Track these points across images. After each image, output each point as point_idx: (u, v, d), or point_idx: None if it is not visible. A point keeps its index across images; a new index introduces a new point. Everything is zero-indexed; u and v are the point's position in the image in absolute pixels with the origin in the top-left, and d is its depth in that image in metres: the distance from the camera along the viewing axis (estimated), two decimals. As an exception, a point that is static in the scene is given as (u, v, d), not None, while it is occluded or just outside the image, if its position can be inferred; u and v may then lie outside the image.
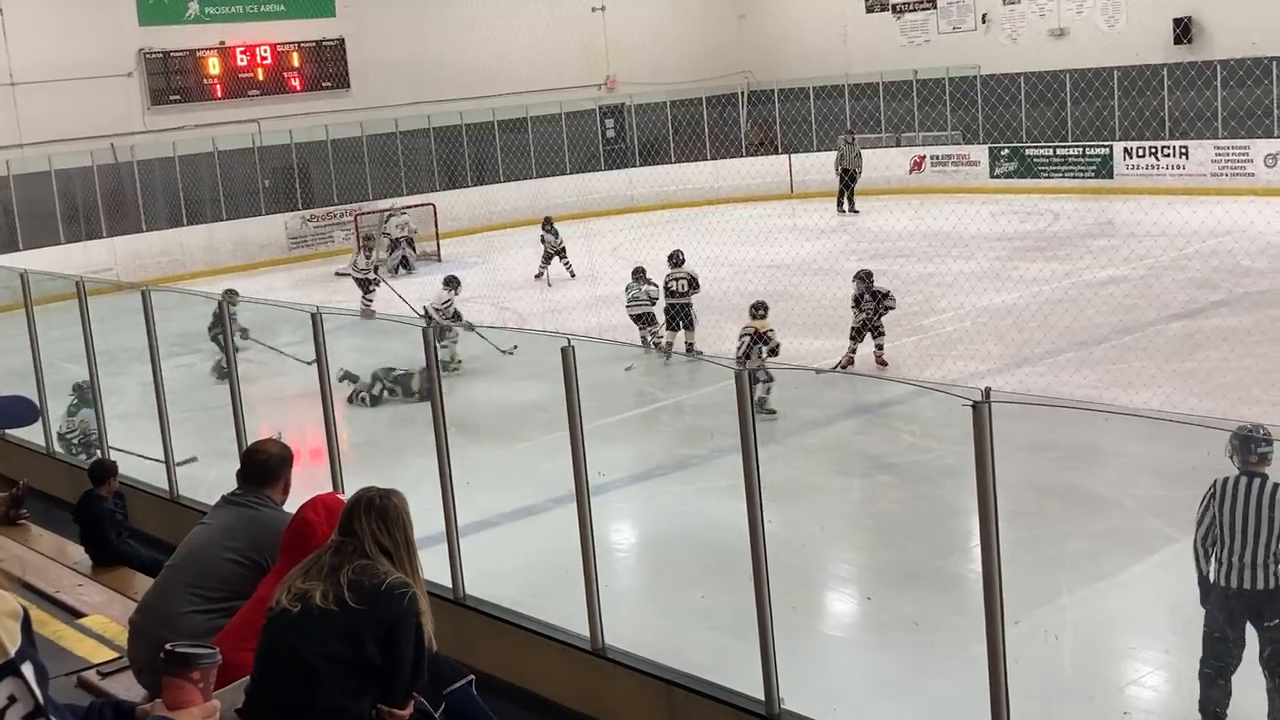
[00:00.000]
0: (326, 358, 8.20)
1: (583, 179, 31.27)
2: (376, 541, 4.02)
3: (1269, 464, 6.44)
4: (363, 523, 4.05)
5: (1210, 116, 26.30)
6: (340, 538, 4.07)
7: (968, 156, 29.70)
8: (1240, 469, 6.39)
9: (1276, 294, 16.65)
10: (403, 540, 4.08)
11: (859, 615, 8.83)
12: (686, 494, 11.31)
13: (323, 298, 21.34)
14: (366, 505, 4.09)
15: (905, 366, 14.53)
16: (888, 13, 32.56)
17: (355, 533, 4.04)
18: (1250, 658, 6.43)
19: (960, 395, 4.99)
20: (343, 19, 29.91)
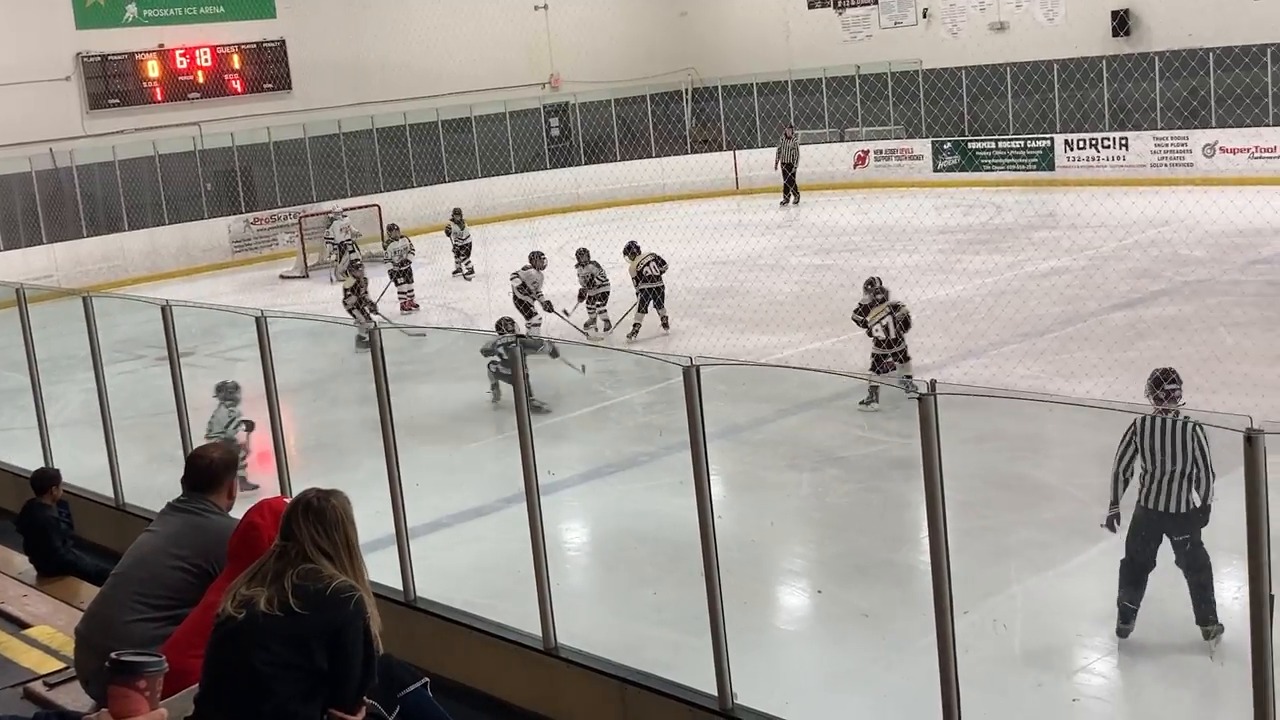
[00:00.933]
0: (273, 362, 8.13)
1: (528, 178, 31.23)
2: (316, 544, 3.98)
3: (1176, 400, 7.45)
4: (301, 526, 4.00)
5: (1149, 108, 26.63)
6: (282, 542, 4.03)
7: (911, 151, 29.89)
8: (1155, 404, 7.40)
9: (1216, 283, 16.88)
10: (343, 542, 4.03)
11: (811, 609, 8.86)
12: (637, 491, 11.31)
13: (267, 301, 21.18)
14: (305, 508, 4.04)
15: (852, 359, 14.59)
16: (829, 8, 32.71)
17: (295, 536, 4.00)
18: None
19: (906, 388, 5.01)
20: (283, 20, 29.67)
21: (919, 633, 5.23)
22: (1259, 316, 14.85)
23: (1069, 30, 28.28)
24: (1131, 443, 7.25)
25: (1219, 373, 12.06)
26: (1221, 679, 6.94)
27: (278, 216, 28.36)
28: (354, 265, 18.90)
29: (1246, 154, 24.78)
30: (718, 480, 10.98)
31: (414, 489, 7.50)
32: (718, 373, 14.42)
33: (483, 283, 22.28)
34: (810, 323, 16.42)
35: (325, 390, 15.18)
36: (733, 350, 15.19)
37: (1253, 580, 4.32)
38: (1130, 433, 7.26)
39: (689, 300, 18.74)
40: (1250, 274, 17.25)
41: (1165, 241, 19.49)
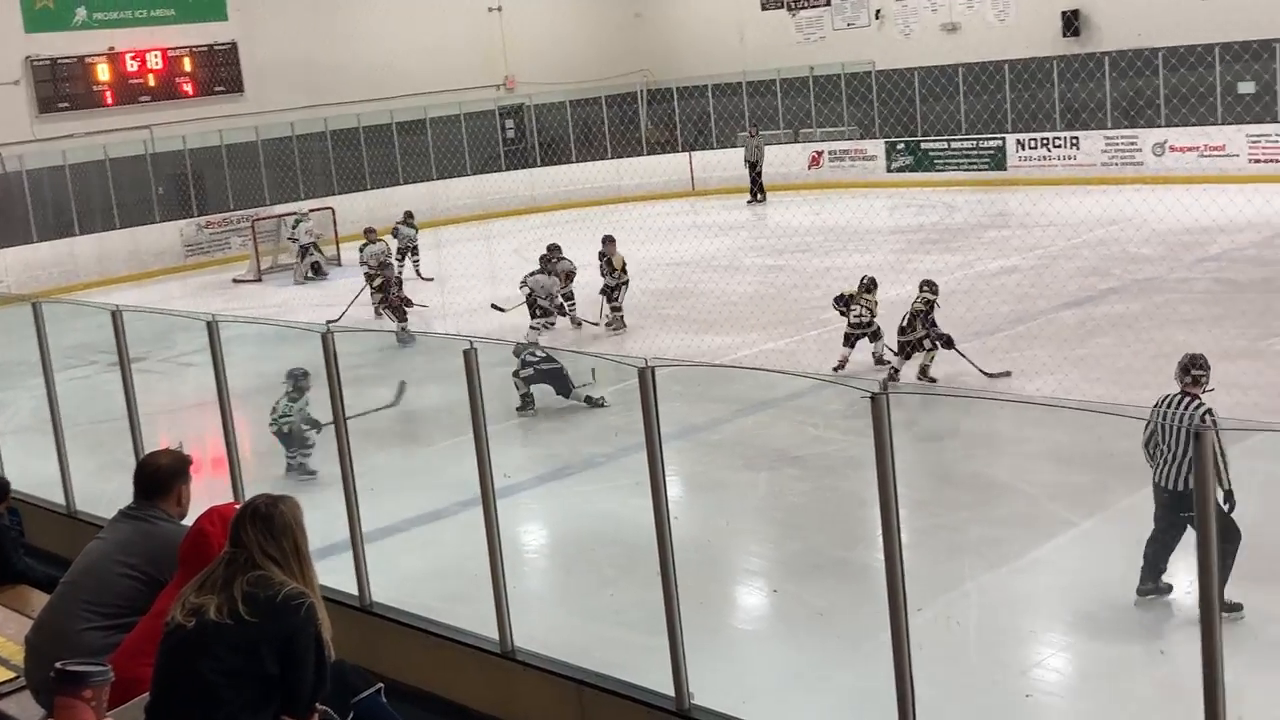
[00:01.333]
0: (224, 367, 8.07)
1: (483, 180, 31.17)
2: (264, 551, 3.96)
3: (1201, 387, 7.81)
4: (250, 533, 3.98)
5: (1098, 107, 26.89)
6: (231, 549, 4.01)
7: (864, 151, 30.05)
8: (1180, 389, 7.81)
9: (1165, 280, 17.06)
10: (291, 549, 4.01)
11: (767, 608, 8.89)
12: (594, 493, 11.31)
13: (220, 306, 21.05)
14: (252, 514, 4.03)
15: (807, 359, 14.66)
16: (783, 10, 32.84)
17: (244, 543, 3.98)
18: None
19: (859, 388, 5.05)
20: (235, 22, 29.47)
21: (874, 630, 5.26)
22: (1208, 314, 15.02)
23: (1020, 31, 28.52)
24: (1151, 422, 7.71)
25: (1169, 370, 12.19)
26: (1173, 674, 7.02)
27: (230, 220, 28.16)
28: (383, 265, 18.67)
29: (1195, 153, 25.06)
30: (675, 481, 11.00)
31: (369, 493, 7.46)
32: (674, 373, 14.46)
33: (438, 285, 22.22)
34: (765, 323, 16.47)
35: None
36: (689, 351, 15.23)
37: (1201, 574, 4.36)
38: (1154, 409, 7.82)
39: (645, 301, 18.76)
40: (1199, 271, 17.45)
41: (1115, 240, 19.70)
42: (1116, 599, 8.22)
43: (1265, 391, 11.40)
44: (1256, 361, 12.47)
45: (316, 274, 24.84)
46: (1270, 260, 17.45)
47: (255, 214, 27.34)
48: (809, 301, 17.17)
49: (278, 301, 22.35)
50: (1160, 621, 7.75)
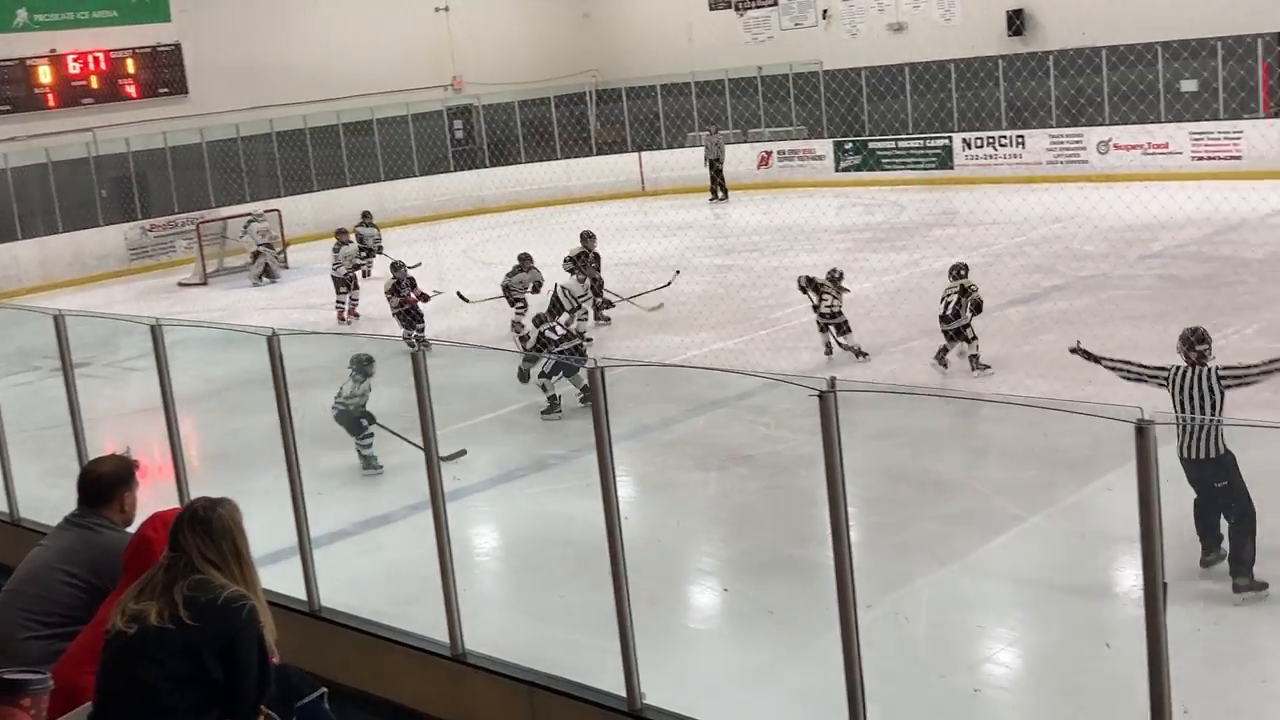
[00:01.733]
0: (168, 372, 7.98)
1: (431, 181, 31.05)
2: (203, 555, 3.93)
3: (1207, 360, 8.12)
4: (188, 537, 3.95)
5: (1043, 106, 27.13)
6: (170, 554, 3.97)
7: (813, 151, 30.16)
8: (1186, 362, 8.12)
9: (1110, 277, 17.23)
10: (231, 552, 3.99)
11: (719, 607, 8.90)
12: (546, 494, 11.29)
13: (165, 309, 20.84)
14: (190, 519, 4.00)
15: (758, 358, 14.70)
16: (730, 10, 32.91)
17: (183, 547, 3.95)
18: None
19: (807, 386, 5.06)
20: (178, 24, 29.17)
21: (824, 628, 5.27)
22: (1152, 310, 15.18)
23: (965, 30, 28.73)
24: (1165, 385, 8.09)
25: (1114, 366, 12.32)
26: (1120, 666, 7.08)
27: (175, 223, 27.87)
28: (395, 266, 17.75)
29: (1139, 150, 25.33)
30: (627, 481, 11.00)
31: (317, 497, 7.41)
32: (625, 374, 14.46)
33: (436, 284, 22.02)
34: (716, 323, 16.51)
35: (225, 399, 14.93)
36: (640, 351, 15.24)
37: (1146, 568, 4.40)
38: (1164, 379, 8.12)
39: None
40: (1143, 268, 17.64)
41: (1061, 237, 19.88)
42: (1064, 594, 8.30)
43: (1208, 386, 11.52)
44: (1200, 357, 12.58)
45: (268, 276, 24.64)
46: (1213, 257, 17.67)
47: (200, 216, 27.09)
48: (760, 301, 17.23)
49: (224, 305, 22.16)
50: (1107, 615, 7.83)
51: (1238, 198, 16.70)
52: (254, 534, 6.55)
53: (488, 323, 17.75)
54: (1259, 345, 13.11)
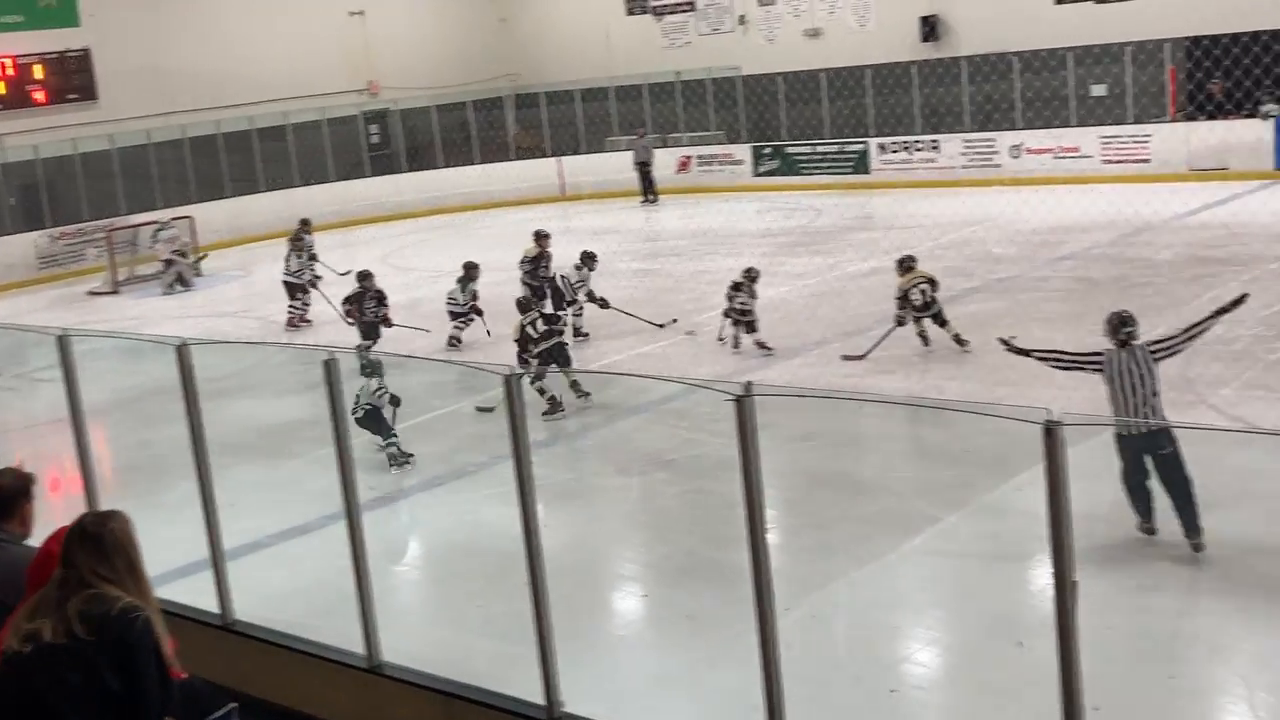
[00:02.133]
0: (77, 383, 7.83)
1: (348, 186, 30.77)
2: (94, 571, 3.86)
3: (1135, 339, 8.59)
4: (79, 553, 3.88)
5: (957, 111, 27.48)
6: (62, 570, 3.90)
7: (732, 156, 30.30)
8: (1115, 344, 8.56)
9: (1024, 279, 17.47)
10: (124, 566, 3.92)
11: (639, 613, 8.90)
12: (464, 502, 11.22)
13: (74, 319, 20.47)
14: (81, 534, 3.92)
15: (679, 363, 14.73)
16: (648, 15, 32.98)
17: (75, 564, 3.88)
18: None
19: (723, 391, 5.07)
20: (87, 29, 28.63)
21: (744, 631, 5.28)
22: (1065, 311, 15.41)
23: (880, 36, 29.03)
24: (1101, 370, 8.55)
25: (1028, 366, 12.48)
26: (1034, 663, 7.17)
27: (85, 231, 27.34)
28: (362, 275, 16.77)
29: (1050, 154, 25.73)
30: (547, 488, 10.92)
31: (229, 509, 7.30)
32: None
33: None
34: (637, 327, 16.51)
35: (137, 410, 14.68)
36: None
37: (1056, 567, 4.46)
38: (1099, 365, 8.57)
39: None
40: (1057, 270, 17.91)
41: (976, 240, 20.14)
42: (979, 593, 8.40)
43: (1119, 386, 11.72)
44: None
45: (182, 284, 24.24)
46: (1123, 258, 17.98)
47: (111, 224, 26.60)
48: (681, 305, 17.27)
49: (135, 314, 21.80)
50: (1021, 613, 7.93)
51: (1144, 201, 17.02)
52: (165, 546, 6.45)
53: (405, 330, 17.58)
54: (1168, 345, 13.38)
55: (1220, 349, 13.02)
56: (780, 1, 30.82)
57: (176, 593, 7.32)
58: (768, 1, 31.04)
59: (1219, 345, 13.13)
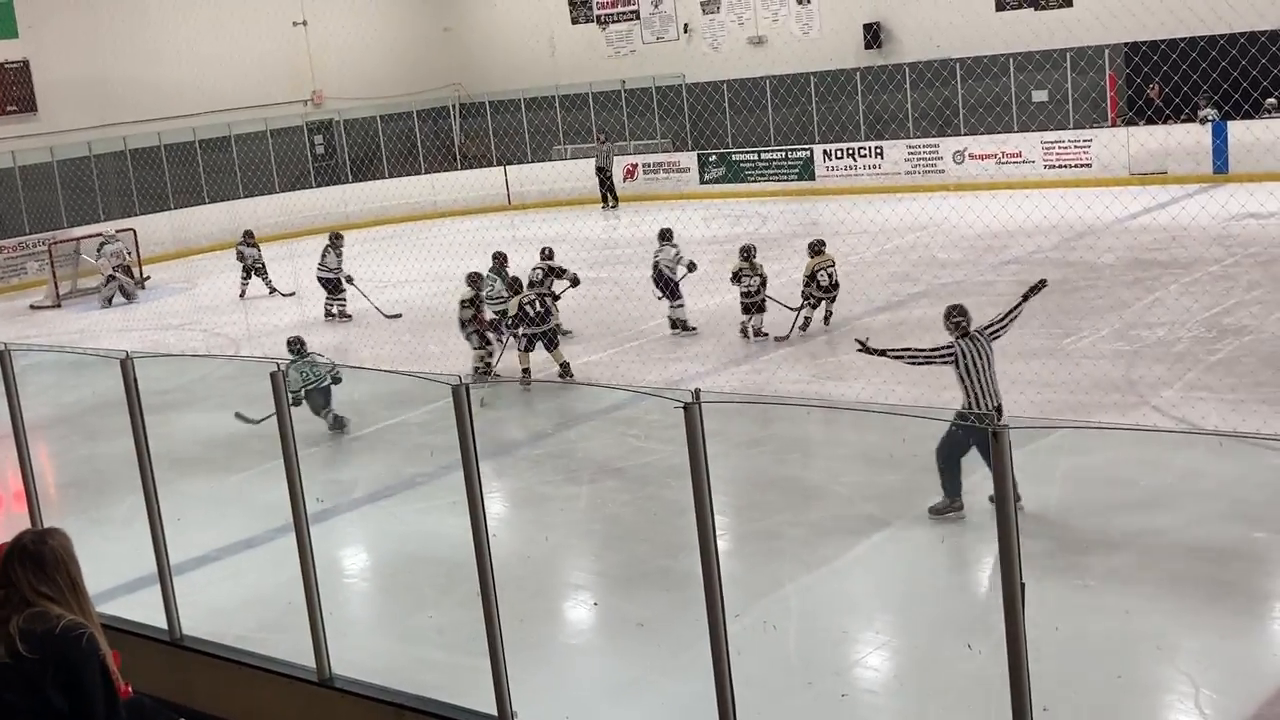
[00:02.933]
0: (19, 397, 7.73)
1: (292, 197, 30.54)
2: (35, 590, 3.81)
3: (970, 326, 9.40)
4: (19, 572, 3.83)
5: (901, 117, 27.69)
6: (2, 590, 3.84)
7: (678, 163, 30.37)
8: (957, 336, 9.35)
9: (970, 283, 17.60)
10: (66, 583, 3.87)
11: (591, 621, 8.88)
12: (414, 513, 11.16)
13: (16, 333, 20.20)
14: (20, 553, 3.87)
15: (627, 370, 14.74)
16: (593, 24, 33.01)
17: (14, 582, 3.82)
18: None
19: (671, 398, 5.08)
20: (25, 40, 28.29)
21: (695, 638, 5.29)
22: (1009, 314, 15.53)
23: (824, 43, 29.21)
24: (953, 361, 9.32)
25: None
26: (982, 665, 7.23)
27: (26, 244, 27.01)
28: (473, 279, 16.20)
29: (994, 159, 25.97)
30: (496, 497, 10.94)
31: (176, 523, 7.24)
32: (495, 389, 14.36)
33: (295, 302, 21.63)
34: (585, 335, 16.52)
35: (81, 424, 14.53)
36: (510, 366, 15.14)
37: (1004, 568, 4.50)
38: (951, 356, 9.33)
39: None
40: (1001, 274, 18.06)
41: (922, 245, 20.29)
42: (928, 596, 8.45)
43: (1063, 389, 11.87)
44: (1056, 360, 12.96)
45: (124, 296, 23.97)
46: (1066, 262, 18.18)
47: (52, 237, 26.29)
48: (628, 313, 17.27)
49: (78, 328, 21.55)
50: (970, 616, 7.98)
51: (1086, 205, 17.20)
52: (112, 562, 6.39)
53: (350, 340, 17.50)
54: (1113, 347, 13.54)
55: (1162, 351, 13.21)
56: (724, 9, 30.96)
57: (123, 609, 7.25)
58: (712, 10, 31.15)
59: (1160, 347, 13.32)
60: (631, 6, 32.39)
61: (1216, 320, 14.14)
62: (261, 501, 10.78)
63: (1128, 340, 13.80)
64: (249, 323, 19.77)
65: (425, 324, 18.43)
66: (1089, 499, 9.60)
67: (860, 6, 28.59)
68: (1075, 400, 11.63)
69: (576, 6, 33.23)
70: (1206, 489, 9.52)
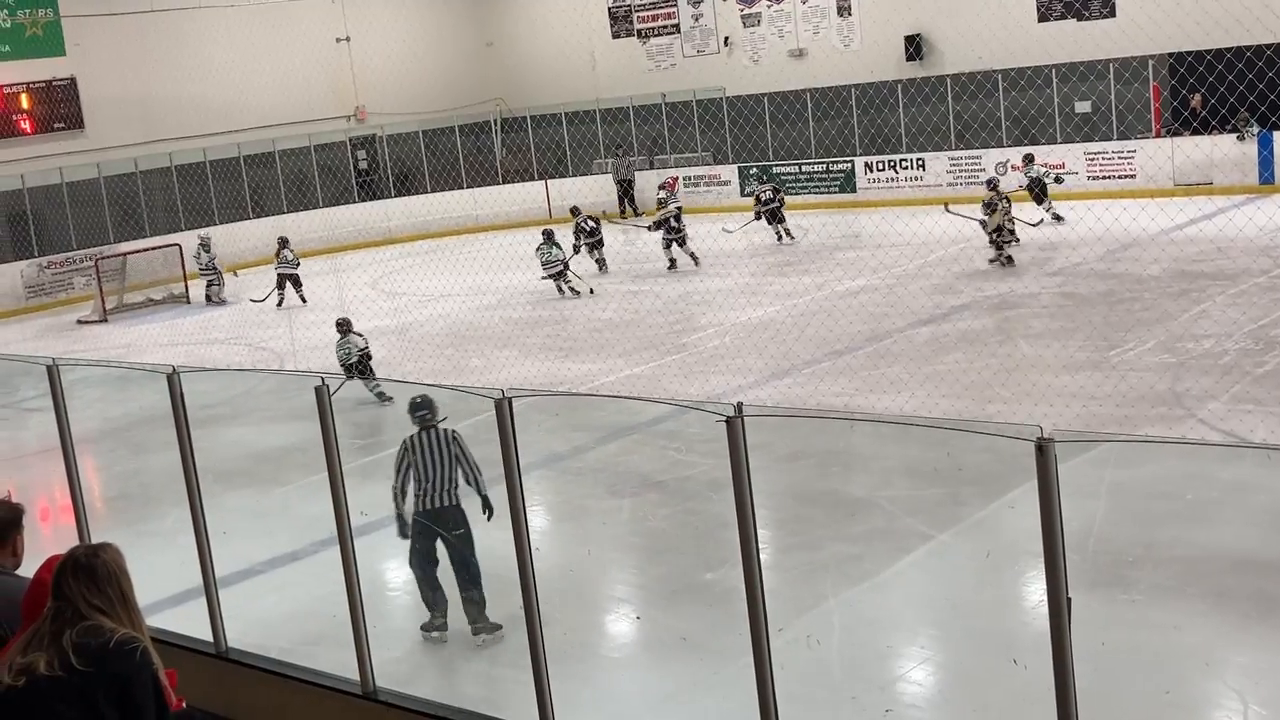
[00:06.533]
0: (67, 412, 7.81)
1: (335, 212, 30.77)
2: (89, 602, 3.84)
3: (436, 420, 8.67)
4: (72, 585, 3.86)
5: (941, 129, 27.57)
6: (55, 603, 3.88)
7: (719, 176, 30.37)
8: (419, 427, 8.65)
9: (1012, 296, 17.52)
10: (117, 597, 3.90)
11: (632, 634, 8.88)
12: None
13: (64, 348, 20.43)
14: (74, 566, 3.90)
15: (669, 384, 14.74)
16: (633, 38, 33.09)
17: (67, 596, 3.86)
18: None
19: (714, 411, 5.07)
20: (73, 58, 28.67)
21: (738, 652, 5.27)
22: (1053, 327, 15.46)
23: (865, 55, 29.15)
24: (405, 459, 8.61)
25: (1017, 383, 12.53)
26: (1029, 681, 7.17)
27: (73, 259, 27.34)
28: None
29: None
30: (539, 510, 10.96)
31: (221, 536, 7.28)
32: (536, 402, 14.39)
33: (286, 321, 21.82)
34: (627, 349, 16.54)
35: (127, 438, 14.67)
36: (552, 379, 15.19)
37: (1050, 584, 4.46)
38: (403, 451, 8.61)
39: (506, 331, 18.70)
40: (1043, 286, 17.96)
41: (965, 257, 20.19)
42: (972, 611, 8.39)
43: (1109, 402, 11.77)
44: (1101, 373, 12.86)
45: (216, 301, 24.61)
46: (1111, 274, 18.05)
47: (99, 252, 26.61)
48: (670, 326, 17.29)
49: (125, 342, 21.76)
50: (1015, 631, 7.92)
51: (1131, 216, 17.07)
52: (158, 575, 6.43)
53: (394, 354, 17.60)
54: (1159, 359, 13.43)
55: (1209, 363, 13.08)
56: (765, 23, 30.96)
57: (169, 621, 7.30)
58: (752, 23, 31.16)
59: (1207, 360, 13.20)
60: (672, 20, 32.44)
61: (1264, 332, 13.99)
62: (305, 515, 10.84)
63: (1174, 352, 13.67)
64: (294, 337, 19.90)
65: (467, 338, 18.52)
66: (1134, 512, 9.51)
67: (901, 18, 28.51)
68: (1121, 413, 11.53)
69: (617, 21, 33.33)
70: (1254, 503, 9.41)
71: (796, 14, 30.48)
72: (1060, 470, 4.50)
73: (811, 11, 30.27)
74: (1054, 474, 4.40)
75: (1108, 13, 26.01)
